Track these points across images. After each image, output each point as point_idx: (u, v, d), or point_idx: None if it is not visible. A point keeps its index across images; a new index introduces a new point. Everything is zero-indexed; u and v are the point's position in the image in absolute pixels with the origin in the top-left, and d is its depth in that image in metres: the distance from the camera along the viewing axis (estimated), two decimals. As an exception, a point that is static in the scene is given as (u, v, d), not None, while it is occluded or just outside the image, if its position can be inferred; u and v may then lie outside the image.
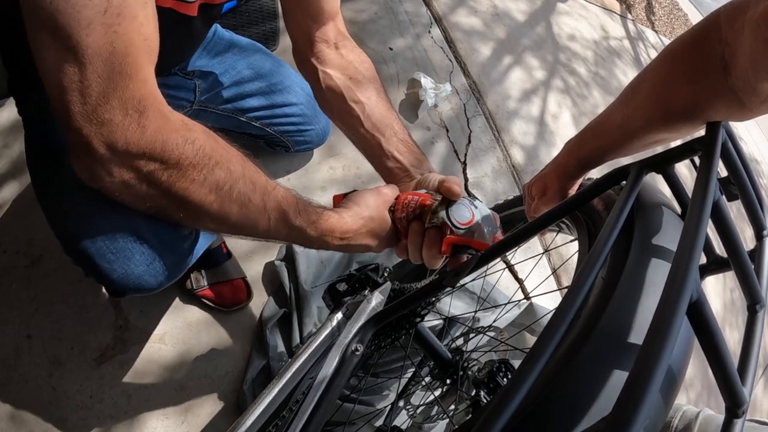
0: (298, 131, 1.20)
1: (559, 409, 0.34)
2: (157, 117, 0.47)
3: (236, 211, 0.53)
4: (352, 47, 0.78)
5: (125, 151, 0.46)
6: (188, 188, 0.50)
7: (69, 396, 0.99)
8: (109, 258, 0.60)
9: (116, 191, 0.50)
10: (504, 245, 0.55)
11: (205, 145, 0.50)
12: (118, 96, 0.45)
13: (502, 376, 0.66)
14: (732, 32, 0.42)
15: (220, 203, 0.52)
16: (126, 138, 0.46)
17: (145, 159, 0.47)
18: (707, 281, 2.00)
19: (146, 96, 0.47)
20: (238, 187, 0.53)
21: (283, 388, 0.61)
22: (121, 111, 0.45)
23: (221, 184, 0.51)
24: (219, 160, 0.51)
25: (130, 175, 0.48)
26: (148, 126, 0.46)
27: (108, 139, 0.45)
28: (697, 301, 0.31)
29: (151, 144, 0.47)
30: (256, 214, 0.55)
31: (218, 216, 0.53)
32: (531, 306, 1.24)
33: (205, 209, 0.52)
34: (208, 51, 1.02)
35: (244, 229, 0.56)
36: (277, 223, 0.57)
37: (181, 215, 0.53)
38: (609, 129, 0.60)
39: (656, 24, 3.40)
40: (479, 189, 1.58)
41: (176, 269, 0.67)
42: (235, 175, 0.53)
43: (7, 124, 1.23)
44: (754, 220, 0.47)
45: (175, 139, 0.48)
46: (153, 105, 0.47)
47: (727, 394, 0.34)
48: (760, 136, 3.87)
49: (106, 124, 0.45)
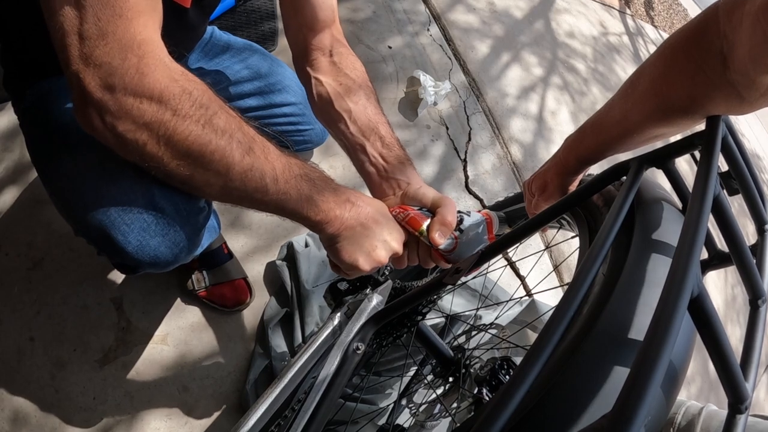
0: (297, 131, 1.19)
1: (561, 407, 0.34)
2: (157, 63, 0.47)
3: (240, 158, 0.51)
4: (346, 54, 0.78)
5: (123, 94, 0.45)
6: (189, 135, 0.48)
7: (71, 398, 0.99)
8: (123, 229, 0.59)
9: (116, 140, 0.48)
10: (505, 242, 0.55)
11: (204, 94, 0.50)
12: (117, 39, 0.44)
13: (504, 374, 0.66)
14: (730, 26, 0.42)
15: (222, 151, 0.50)
16: (124, 81, 0.45)
17: (144, 104, 0.46)
18: (709, 276, 2.00)
19: (146, 41, 0.46)
20: (238, 136, 0.51)
21: (285, 387, 0.61)
22: (119, 54, 0.44)
23: (222, 130, 0.50)
24: (218, 109, 0.51)
25: (129, 122, 0.47)
26: (147, 71, 0.46)
27: (105, 83, 0.44)
28: (698, 296, 0.31)
29: (150, 89, 0.46)
30: (261, 163, 0.53)
31: (223, 164, 0.51)
32: (533, 303, 1.24)
33: (208, 158, 0.50)
34: (205, 52, 1.02)
35: (252, 179, 0.53)
36: (284, 173, 0.55)
37: (184, 168, 0.51)
38: (608, 125, 0.60)
39: (655, 19, 3.40)
40: (479, 186, 1.58)
41: (191, 243, 0.66)
42: (234, 123, 0.52)
43: (5, 130, 1.23)
44: (755, 215, 0.46)
45: (175, 86, 0.47)
46: (152, 51, 0.47)
47: (729, 389, 0.34)
48: (762, 131, 3.86)
49: (104, 66, 0.44)
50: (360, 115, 0.73)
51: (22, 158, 1.20)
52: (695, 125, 0.51)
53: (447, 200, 0.66)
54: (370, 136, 0.72)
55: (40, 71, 0.71)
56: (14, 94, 0.76)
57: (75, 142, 0.60)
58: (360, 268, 0.61)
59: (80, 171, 0.59)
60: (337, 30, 0.79)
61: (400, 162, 0.72)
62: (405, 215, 0.64)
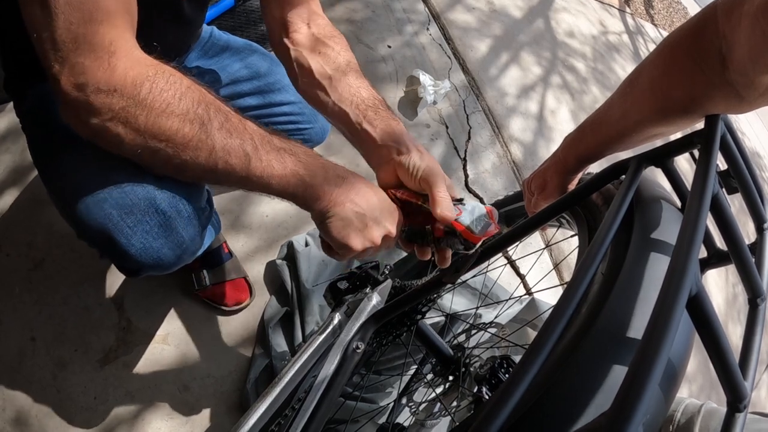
0: (297, 130, 1.19)
1: (560, 405, 0.34)
2: (127, 56, 0.49)
3: (215, 133, 0.52)
4: (324, 24, 0.77)
5: (95, 91, 0.47)
6: (165, 122, 0.50)
7: (73, 397, 1.00)
8: (126, 232, 0.59)
9: (97, 136, 0.50)
10: (504, 241, 0.55)
11: (172, 77, 0.51)
12: (88, 42, 0.47)
13: (504, 372, 0.66)
14: (729, 25, 0.42)
15: (196, 129, 0.51)
16: (96, 78, 0.47)
17: (116, 96, 0.48)
18: (710, 275, 2.00)
19: (117, 38, 0.48)
20: (211, 114, 0.52)
21: (285, 386, 0.61)
22: (91, 55, 0.47)
23: (191, 108, 0.51)
24: (186, 89, 0.51)
25: (105, 116, 0.48)
26: (117, 65, 0.48)
27: (78, 82, 0.47)
28: (697, 294, 0.31)
29: (121, 81, 0.48)
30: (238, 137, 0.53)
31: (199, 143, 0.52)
32: (533, 301, 1.24)
33: (179, 140, 0.51)
34: (205, 52, 1.02)
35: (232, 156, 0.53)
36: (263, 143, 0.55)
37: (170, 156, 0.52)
38: (607, 123, 0.60)
39: (655, 18, 3.39)
40: (479, 185, 1.58)
41: (194, 244, 0.66)
42: (206, 101, 0.53)
43: (5, 131, 1.23)
44: (755, 213, 0.47)
45: (145, 75, 0.49)
46: (124, 47, 0.49)
47: (728, 388, 0.34)
48: (762, 129, 3.85)
49: (77, 67, 0.47)
50: (340, 81, 0.72)
51: (23, 159, 1.20)
52: (694, 124, 0.51)
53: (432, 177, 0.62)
54: (352, 101, 0.70)
55: (41, 72, 0.71)
56: (15, 95, 0.76)
57: (76, 143, 0.60)
58: (352, 247, 0.59)
59: (81, 172, 0.59)
60: (315, 3, 0.78)
61: (391, 127, 0.69)
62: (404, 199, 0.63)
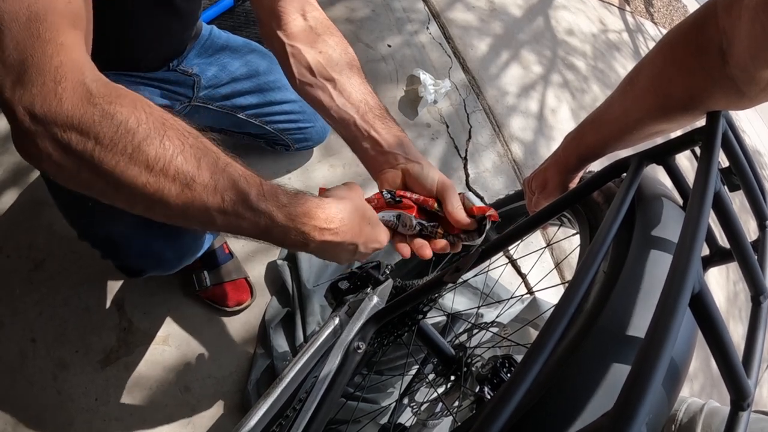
0: (298, 129, 1.20)
1: (562, 405, 0.34)
2: (75, 86, 0.44)
3: (177, 193, 0.46)
4: (322, 18, 0.73)
5: (44, 120, 0.43)
6: (116, 166, 0.44)
7: (74, 399, 1.00)
8: (128, 234, 0.58)
9: (50, 169, 0.45)
10: (506, 240, 0.55)
11: (129, 117, 0.45)
12: (35, 63, 0.42)
13: (506, 372, 0.66)
14: (729, 21, 0.41)
15: (155, 184, 0.45)
16: (44, 107, 0.42)
17: (66, 131, 0.43)
18: (711, 273, 1.99)
19: (64, 63, 0.43)
20: (176, 165, 0.46)
21: (286, 387, 0.61)
22: (39, 78, 0.42)
23: (152, 161, 0.45)
24: (148, 134, 0.45)
25: (56, 150, 0.44)
26: (64, 96, 0.43)
27: (29, 108, 0.42)
28: (699, 292, 0.31)
29: (70, 115, 0.43)
30: (205, 195, 0.47)
31: (156, 199, 0.46)
32: (534, 301, 1.24)
33: (139, 191, 0.45)
34: (204, 50, 1.02)
35: (195, 216, 0.48)
36: (234, 205, 0.48)
37: (122, 200, 0.47)
38: (608, 121, 0.59)
39: (655, 16, 3.39)
40: (480, 184, 1.58)
41: (196, 245, 0.65)
42: (171, 151, 0.46)
43: (5, 132, 1.23)
44: (757, 210, 0.46)
45: (94, 111, 0.44)
46: (71, 73, 0.44)
47: (731, 386, 0.33)
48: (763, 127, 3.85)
49: (26, 92, 0.42)
50: (345, 85, 0.68)
51: (23, 160, 1.20)
52: (695, 121, 0.51)
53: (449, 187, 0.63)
54: (359, 108, 0.68)
55: None
56: None
57: None
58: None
59: None
60: None
61: (395, 134, 0.68)
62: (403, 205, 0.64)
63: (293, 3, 0.70)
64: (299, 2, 0.71)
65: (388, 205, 0.64)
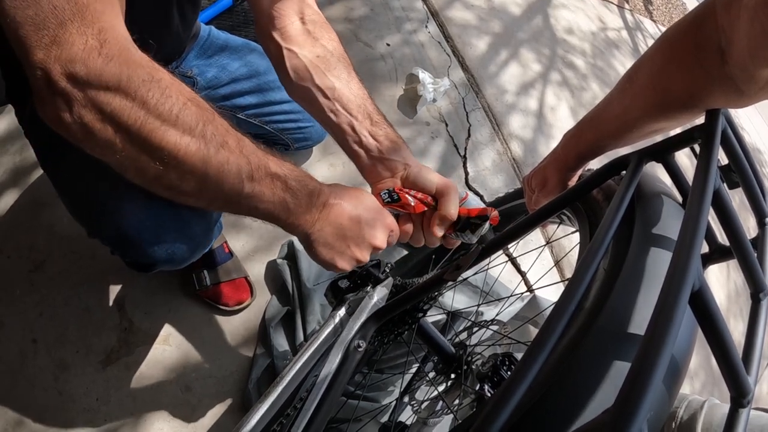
0: (298, 128, 1.20)
1: (562, 402, 0.34)
2: (120, 49, 0.43)
3: (215, 154, 0.47)
4: (320, 21, 0.72)
5: (87, 81, 0.42)
6: (159, 128, 0.44)
7: (75, 399, 1.00)
8: (140, 228, 0.58)
9: (82, 135, 0.44)
10: (506, 238, 0.55)
11: (172, 83, 0.46)
12: (76, 24, 0.41)
13: (506, 370, 0.66)
14: (728, 19, 0.41)
15: (197, 145, 0.46)
16: (88, 67, 0.41)
17: (110, 93, 0.43)
18: (710, 271, 2.00)
19: (107, 27, 0.43)
20: (212, 129, 0.47)
21: (287, 386, 0.61)
22: (80, 38, 0.41)
23: (193, 124, 0.46)
24: (189, 98, 0.47)
25: (94, 114, 0.43)
26: (111, 57, 0.42)
27: (68, 69, 0.41)
28: (699, 290, 0.31)
29: (116, 76, 0.42)
30: (235, 157, 0.49)
31: (198, 162, 0.47)
32: (534, 299, 1.24)
33: (182, 154, 0.46)
34: (203, 51, 1.02)
35: (228, 181, 0.49)
36: (258, 170, 0.50)
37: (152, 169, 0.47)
38: (607, 119, 0.59)
39: (654, 14, 3.38)
40: (479, 183, 1.58)
41: (206, 238, 0.64)
42: (205, 116, 0.47)
43: (5, 133, 1.23)
44: (756, 208, 0.46)
45: (142, 75, 0.44)
46: (115, 37, 0.43)
47: (731, 383, 0.33)
48: (762, 124, 3.85)
49: (64, 54, 0.41)
50: (343, 91, 0.68)
51: (23, 161, 1.20)
52: (694, 119, 0.51)
53: (450, 188, 0.64)
54: (357, 115, 0.67)
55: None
56: (17, 102, 0.75)
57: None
58: (339, 268, 0.59)
59: (94, 174, 0.58)
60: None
61: (393, 141, 0.67)
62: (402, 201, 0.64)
63: (292, 5, 0.69)
64: (298, 4, 0.70)
65: (386, 204, 0.65)
